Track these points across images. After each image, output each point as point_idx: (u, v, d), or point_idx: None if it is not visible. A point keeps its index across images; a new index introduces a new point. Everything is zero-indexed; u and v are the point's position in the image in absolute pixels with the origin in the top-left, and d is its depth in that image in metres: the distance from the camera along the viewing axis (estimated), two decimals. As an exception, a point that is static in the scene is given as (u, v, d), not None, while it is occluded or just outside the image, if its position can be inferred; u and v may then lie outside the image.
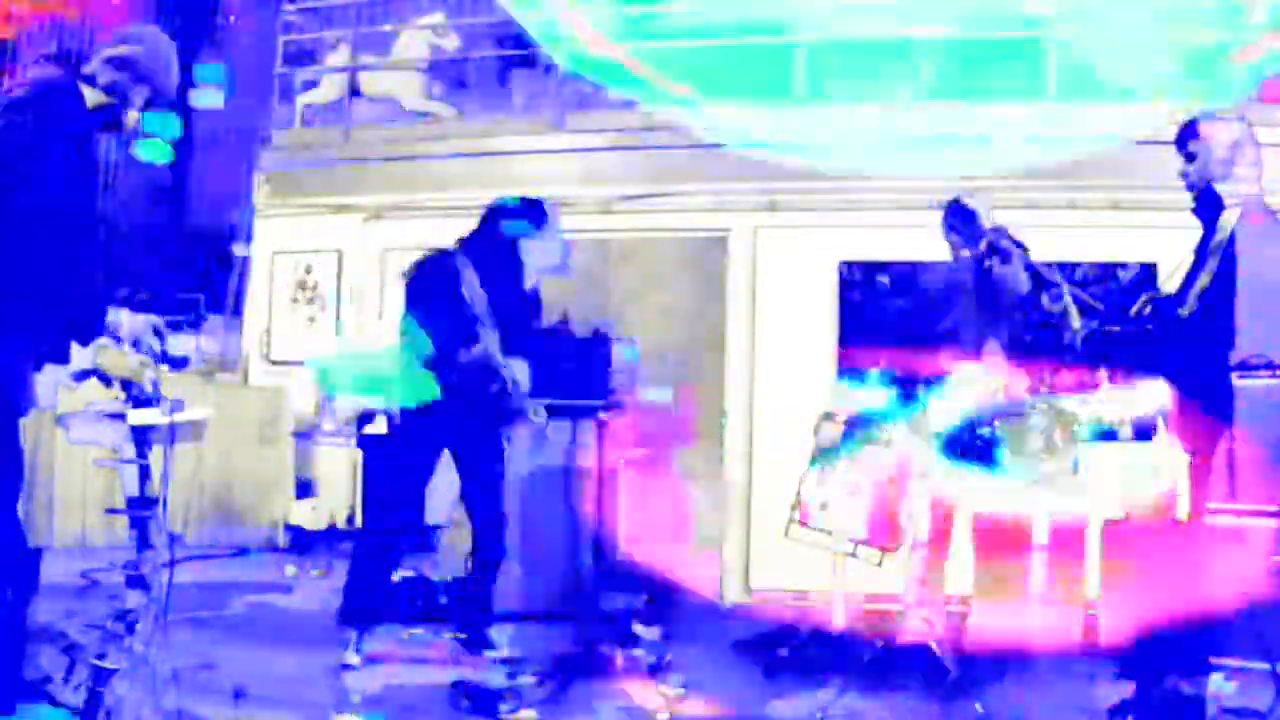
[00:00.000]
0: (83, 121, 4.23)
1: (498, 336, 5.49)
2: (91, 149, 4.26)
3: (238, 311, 10.54)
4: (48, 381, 4.21)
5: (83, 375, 4.28)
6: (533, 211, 5.66)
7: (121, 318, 4.32)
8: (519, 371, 5.61)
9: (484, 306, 5.45)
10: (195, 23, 13.17)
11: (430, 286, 5.45)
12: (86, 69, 4.31)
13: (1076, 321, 5.60)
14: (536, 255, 5.61)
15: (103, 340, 4.24)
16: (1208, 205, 4.68)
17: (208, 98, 5.72)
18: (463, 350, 5.36)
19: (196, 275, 12.25)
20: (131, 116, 4.38)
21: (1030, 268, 5.99)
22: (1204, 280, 4.54)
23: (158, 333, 4.39)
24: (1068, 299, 5.62)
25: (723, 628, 7.18)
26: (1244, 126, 4.79)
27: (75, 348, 4.20)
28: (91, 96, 4.28)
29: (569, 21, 8.85)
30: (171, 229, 13.32)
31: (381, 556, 5.59)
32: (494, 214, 5.66)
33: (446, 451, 5.64)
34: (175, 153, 4.79)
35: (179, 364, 4.50)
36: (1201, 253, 4.64)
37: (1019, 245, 6.14)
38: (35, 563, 4.26)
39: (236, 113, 12.05)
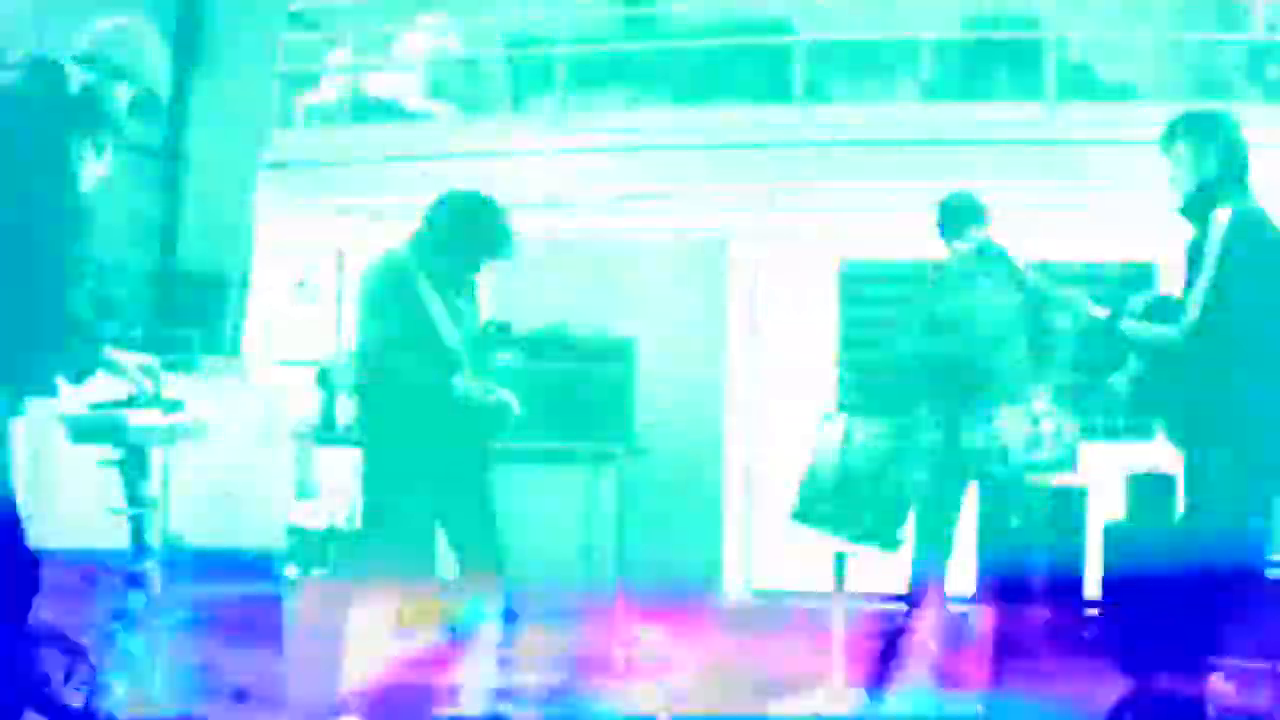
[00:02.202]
0: (56, 126, 3.99)
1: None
2: (69, 155, 4.01)
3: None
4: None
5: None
6: (470, 207, 5.49)
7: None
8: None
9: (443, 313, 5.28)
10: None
11: (393, 289, 5.27)
12: (66, 67, 4.14)
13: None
14: (471, 246, 5.36)
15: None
16: (1198, 206, 4.67)
17: None
18: (458, 380, 5.21)
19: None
20: (117, 107, 4.20)
21: (1040, 285, 6.01)
22: (1203, 285, 4.53)
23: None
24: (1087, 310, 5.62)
25: (723, 628, 7.19)
26: (1232, 125, 4.77)
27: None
28: (67, 97, 4.05)
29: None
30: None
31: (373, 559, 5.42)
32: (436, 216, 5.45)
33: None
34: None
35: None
36: (1196, 257, 4.63)
37: (1015, 260, 6.14)
38: (35, 563, 4.24)
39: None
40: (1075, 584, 6.89)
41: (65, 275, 3.92)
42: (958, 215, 6.21)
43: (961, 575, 6.18)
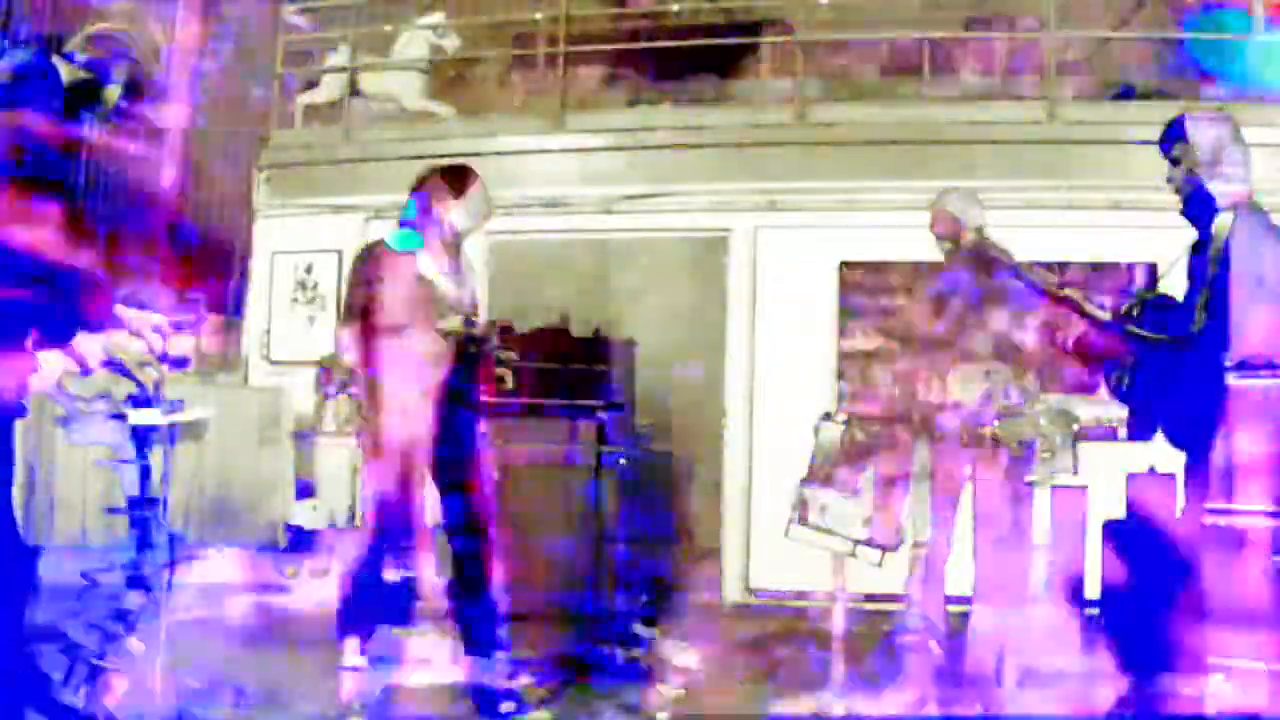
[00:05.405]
0: (56, 100, 4.13)
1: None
2: (71, 127, 4.17)
3: (238, 312, 10.54)
4: (52, 372, 4.17)
5: (89, 372, 4.26)
6: (454, 179, 5.61)
7: (127, 314, 4.31)
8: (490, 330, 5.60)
9: (444, 284, 5.43)
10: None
11: (388, 271, 5.41)
12: (67, 47, 4.26)
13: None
14: (461, 220, 5.55)
15: (116, 334, 4.23)
16: (1199, 207, 4.66)
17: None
18: (441, 323, 5.33)
19: (196, 275, 12.23)
20: (111, 93, 4.30)
21: (1038, 285, 6.00)
22: (1207, 291, 4.53)
23: (160, 332, 4.37)
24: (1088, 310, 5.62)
25: (722, 627, 7.20)
26: (1231, 125, 4.76)
27: (83, 336, 4.16)
28: (69, 74, 4.20)
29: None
30: (171, 228, 13.31)
31: (374, 559, 5.52)
32: (421, 193, 5.62)
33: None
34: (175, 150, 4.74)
35: (179, 364, 4.48)
36: (1199, 260, 4.63)
37: (1015, 264, 6.13)
38: (34, 563, 4.25)
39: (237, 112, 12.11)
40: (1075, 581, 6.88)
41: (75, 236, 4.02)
42: (948, 215, 6.20)
43: (961, 575, 6.17)
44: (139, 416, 4.38)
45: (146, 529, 4.45)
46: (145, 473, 4.48)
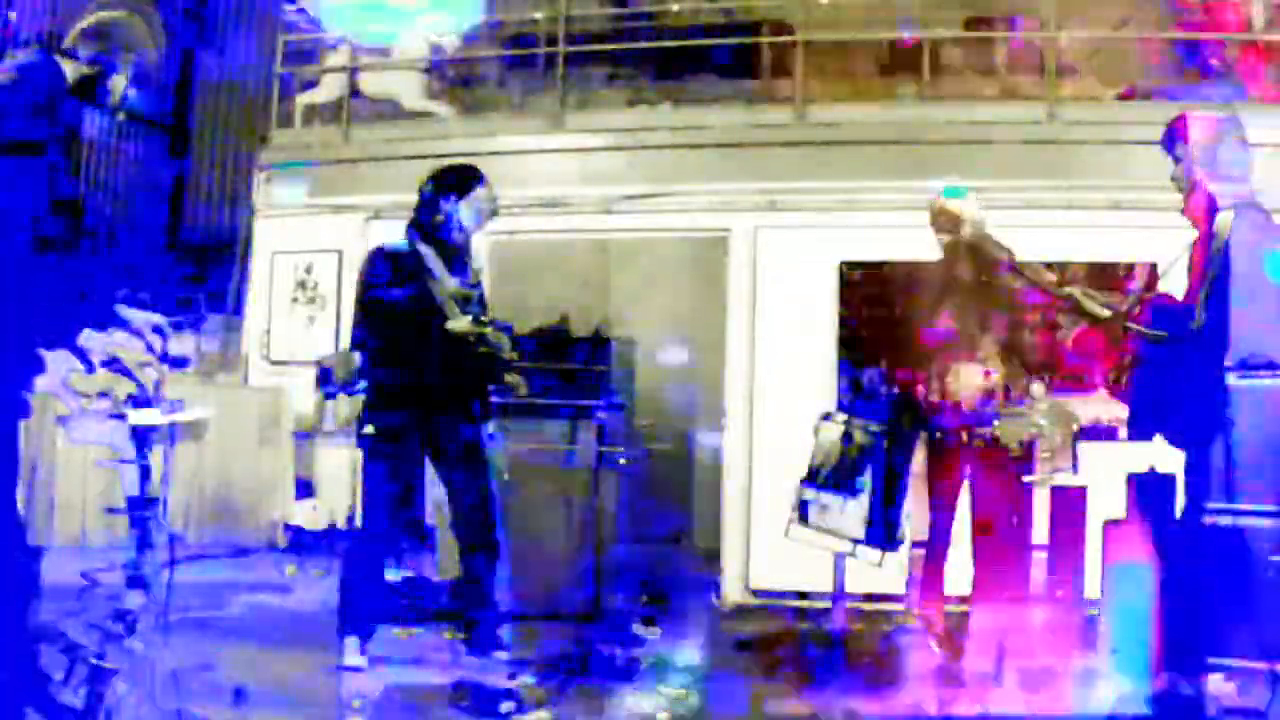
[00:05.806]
0: (65, 98, 4.17)
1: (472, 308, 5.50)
2: (78, 125, 4.21)
3: (238, 311, 10.54)
4: (55, 372, 4.18)
5: (93, 369, 4.27)
6: (459, 179, 5.61)
7: (128, 314, 4.32)
8: (501, 339, 5.58)
9: (452, 284, 5.44)
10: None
11: (398, 273, 5.42)
12: (67, 43, 4.27)
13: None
14: (467, 218, 5.57)
15: (117, 333, 4.23)
16: (1200, 206, 4.66)
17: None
18: (451, 323, 5.33)
19: (197, 275, 12.23)
20: (118, 83, 4.31)
21: (1037, 283, 6.00)
22: (1207, 290, 4.53)
23: (160, 332, 4.38)
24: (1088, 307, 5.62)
25: (723, 627, 7.19)
26: (1233, 125, 4.77)
27: (86, 336, 4.17)
28: (73, 71, 4.22)
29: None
30: (171, 228, 13.31)
31: (373, 559, 5.52)
32: (427, 194, 5.62)
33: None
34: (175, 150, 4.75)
35: (179, 364, 4.48)
36: (1200, 259, 4.63)
37: (1015, 262, 6.12)
38: (37, 563, 4.25)
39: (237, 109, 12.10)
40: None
41: (74, 227, 4.05)
42: (948, 214, 6.21)
43: (961, 575, 6.17)
44: (139, 416, 4.38)
45: (146, 529, 4.45)
46: (145, 473, 4.48)
